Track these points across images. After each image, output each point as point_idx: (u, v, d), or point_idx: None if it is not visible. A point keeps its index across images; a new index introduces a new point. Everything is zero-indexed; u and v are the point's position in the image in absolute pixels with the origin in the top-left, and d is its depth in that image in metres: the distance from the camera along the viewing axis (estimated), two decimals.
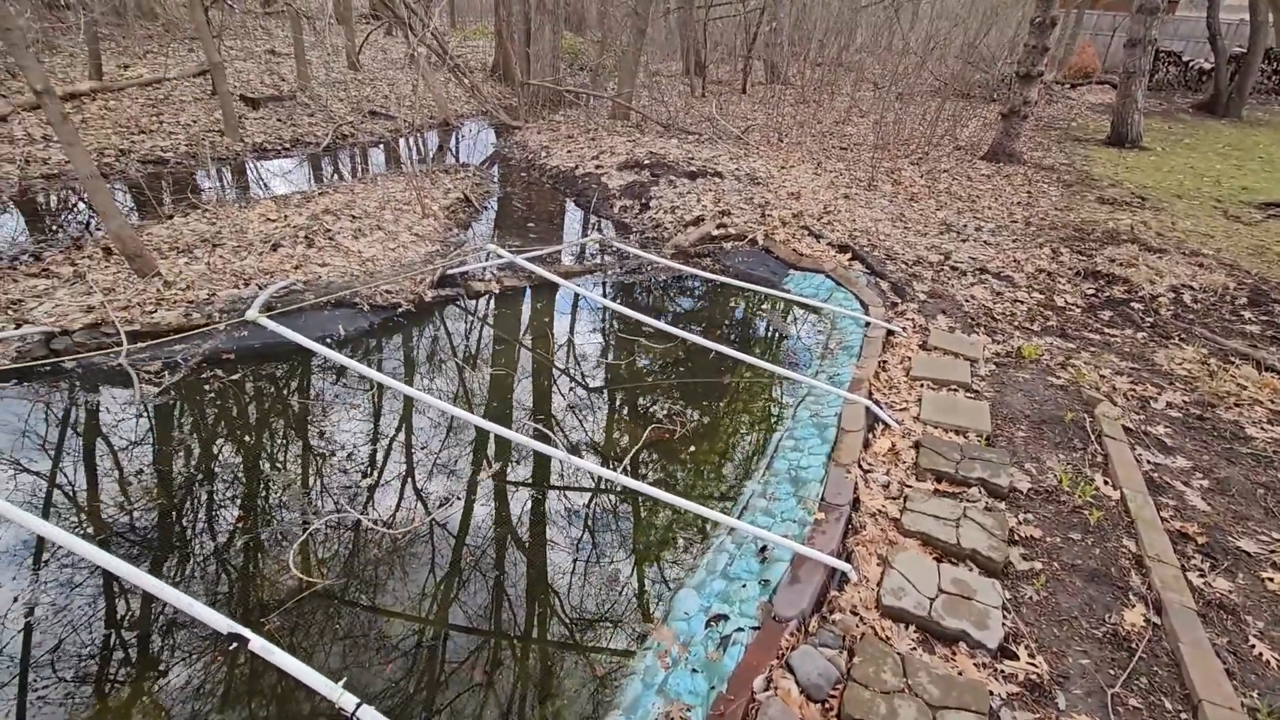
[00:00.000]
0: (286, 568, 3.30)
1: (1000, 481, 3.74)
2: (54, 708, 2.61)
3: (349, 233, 6.81)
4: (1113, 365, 5.32)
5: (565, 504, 4.02)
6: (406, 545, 3.55)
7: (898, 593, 2.99)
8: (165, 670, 2.80)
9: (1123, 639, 2.85)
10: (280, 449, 4.28)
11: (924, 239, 8.15)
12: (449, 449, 4.40)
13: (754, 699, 2.52)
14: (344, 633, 3.02)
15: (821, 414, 4.67)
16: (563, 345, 5.89)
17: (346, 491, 3.89)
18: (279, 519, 3.65)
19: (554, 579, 3.45)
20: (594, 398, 5.16)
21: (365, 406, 4.73)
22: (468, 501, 3.92)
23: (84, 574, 3.20)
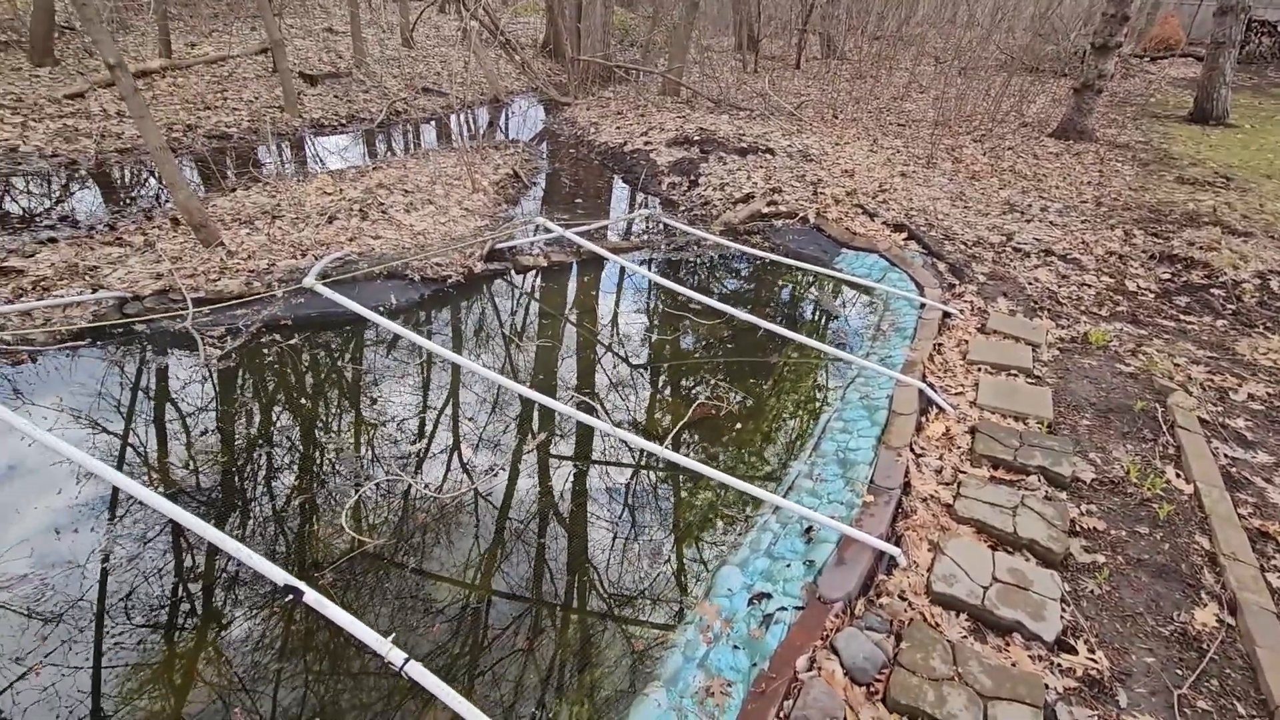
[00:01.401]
0: (339, 528, 3.41)
1: (1062, 470, 3.58)
2: (125, 650, 2.76)
3: (401, 207, 6.92)
4: (1189, 354, 5.01)
5: (609, 477, 4.03)
6: (454, 511, 3.62)
7: (949, 579, 2.89)
8: (223, 619, 2.94)
9: (1192, 639, 2.70)
10: (334, 413, 4.41)
11: (985, 219, 7.80)
12: (496, 419, 4.46)
13: (796, 678, 2.49)
14: (392, 593, 3.11)
15: (872, 396, 4.54)
16: (609, 321, 5.88)
17: (396, 456, 3.99)
18: (332, 480, 3.76)
19: (596, 550, 3.47)
20: (639, 373, 5.14)
21: (415, 375, 4.82)
22: (513, 471, 3.96)
23: (152, 525, 3.37)
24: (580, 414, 3.31)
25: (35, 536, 3.23)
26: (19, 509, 3.38)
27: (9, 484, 3.54)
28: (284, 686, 2.66)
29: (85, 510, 3.42)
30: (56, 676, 2.62)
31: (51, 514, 3.37)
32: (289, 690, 2.65)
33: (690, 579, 3.30)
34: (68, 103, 9.42)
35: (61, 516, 3.36)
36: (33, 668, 2.62)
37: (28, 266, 5.12)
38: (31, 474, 3.62)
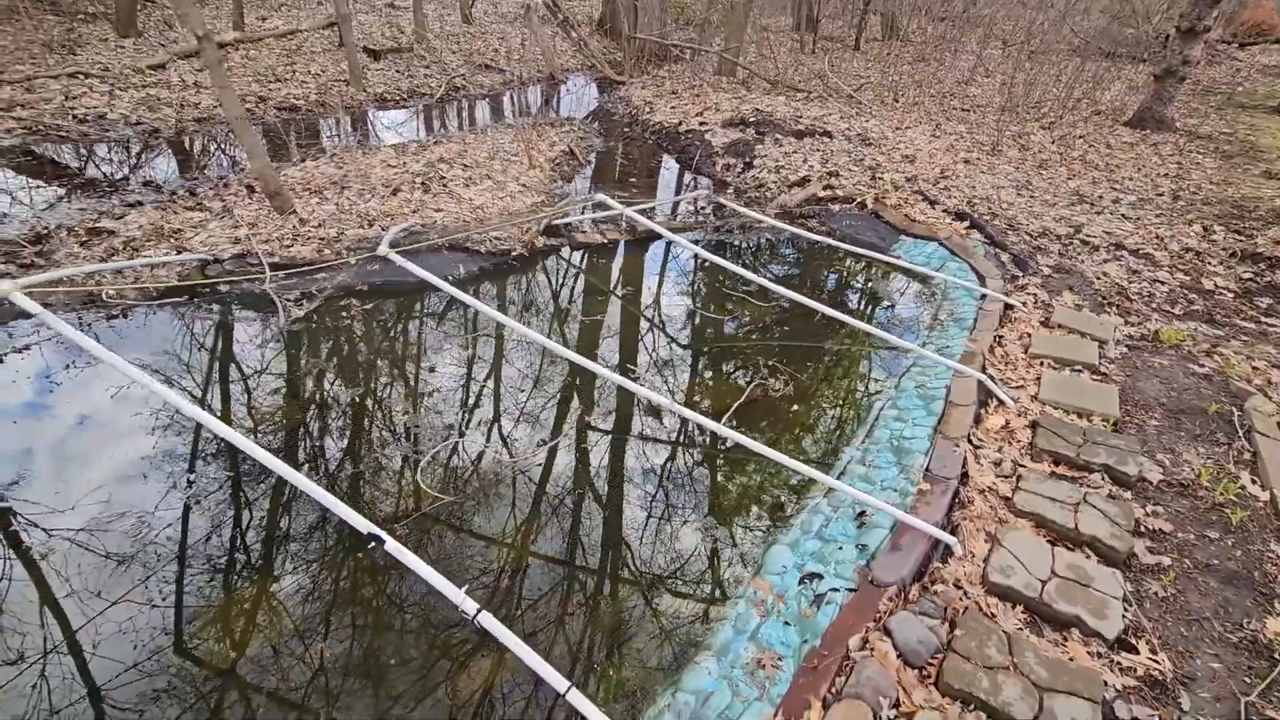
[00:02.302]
0: (413, 483, 3.57)
1: (1128, 469, 3.49)
2: (211, 589, 2.97)
3: (460, 181, 7.06)
4: (1269, 357, 4.78)
5: (666, 453, 4.10)
6: (522, 475, 3.74)
7: (1006, 571, 2.87)
8: (308, 563, 3.12)
9: (1263, 647, 2.63)
10: (405, 376, 4.58)
11: (1052, 210, 7.53)
12: (557, 390, 4.56)
13: (849, 656, 2.52)
14: (461, 548, 3.25)
15: (928, 386, 4.48)
16: (663, 299, 5.91)
17: (465, 419, 4.13)
18: (404, 439, 3.93)
19: (651, 522, 3.55)
20: (693, 352, 5.18)
21: (479, 343, 4.97)
22: (576, 442, 4.06)
23: (239, 471, 3.59)
24: (644, 390, 3.37)
25: (127, 478, 3.48)
26: (115, 450, 3.63)
27: (108, 427, 3.80)
28: (361, 630, 2.82)
29: (171, 455, 3.66)
30: (141, 610, 2.83)
31: (141, 456, 3.62)
32: (366, 635, 2.81)
33: (741, 556, 3.35)
34: (150, 73, 9.84)
35: (152, 459, 3.60)
36: (119, 599, 2.84)
37: (118, 228, 5.43)
38: (126, 419, 3.88)
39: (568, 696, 2.02)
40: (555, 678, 2.05)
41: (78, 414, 3.89)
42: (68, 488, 3.38)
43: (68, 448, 3.65)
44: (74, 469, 3.51)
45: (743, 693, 2.54)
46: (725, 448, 4.17)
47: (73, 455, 3.60)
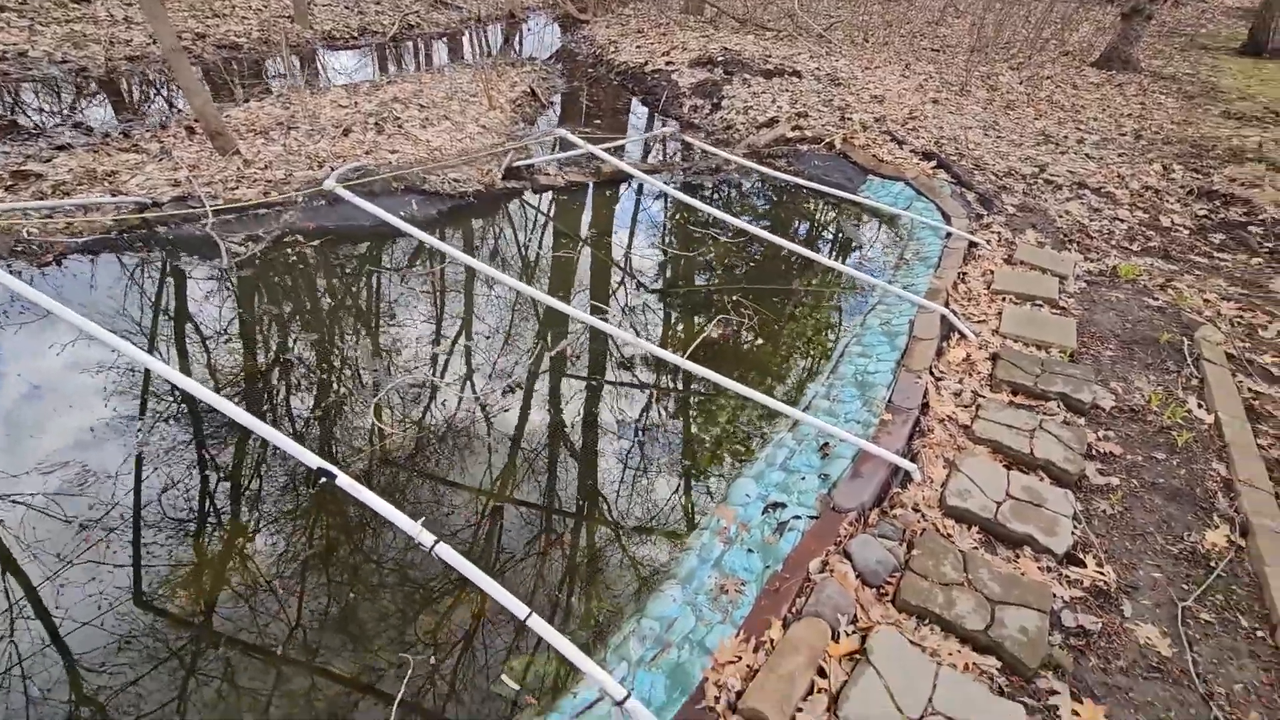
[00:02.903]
0: (366, 421, 3.48)
1: (1082, 397, 3.57)
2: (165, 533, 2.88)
3: (417, 122, 6.75)
4: (1220, 290, 4.90)
5: (629, 389, 4.07)
6: (484, 413, 3.68)
7: (963, 494, 2.94)
8: (260, 502, 3.05)
9: (1201, 557, 2.75)
10: (356, 316, 4.44)
11: (1018, 150, 7.52)
12: (517, 328, 4.48)
13: (809, 579, 2.57)
14: (418, 485, 3.21)
15: (893, 322, 4.50)
16: (629, 240, 5.80)
17: (419, 358, 4.03)
18: (357, 379, 3.83)
19: (615, 458, 3.54)
20: (658, 291, 5.11)
21: (434, 283, 4.83)
22: (536, 379, 4.01)
23: (187, 415, 3.46)
24: (602, 323, 3.31)
25: (73, 425, 3.33)
26: (58, 398, 3.47)
27: (48, 374, 3.62)
28: (320, 569, 2.78)
29: (120, 400, 3.51)
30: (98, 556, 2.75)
31: (89, 404, 3.46)
32: (326, 573, 2.77)
33: (707, 489, 3.37)
34: (74, 6, 9.12)
35: (99, 406, 3.45)
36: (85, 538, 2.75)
37: (46, 171, 5.08)
38: (69, 367, 3.70)
39: (528, 623, 2.02)
40: (515, 605, 2.04)
41: (14, 363, 3.70)
42: (12, 443, 3.23)
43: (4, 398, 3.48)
44: (18, 421, 3.35)
45: (706, 616, 2.58)
46: (692, 385, 4.16)
47: (12, 408, 3.43)
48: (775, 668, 2.20)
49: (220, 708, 2.29)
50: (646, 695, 2.32)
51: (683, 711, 2.15)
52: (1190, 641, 2.41)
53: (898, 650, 2.29)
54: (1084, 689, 2.25)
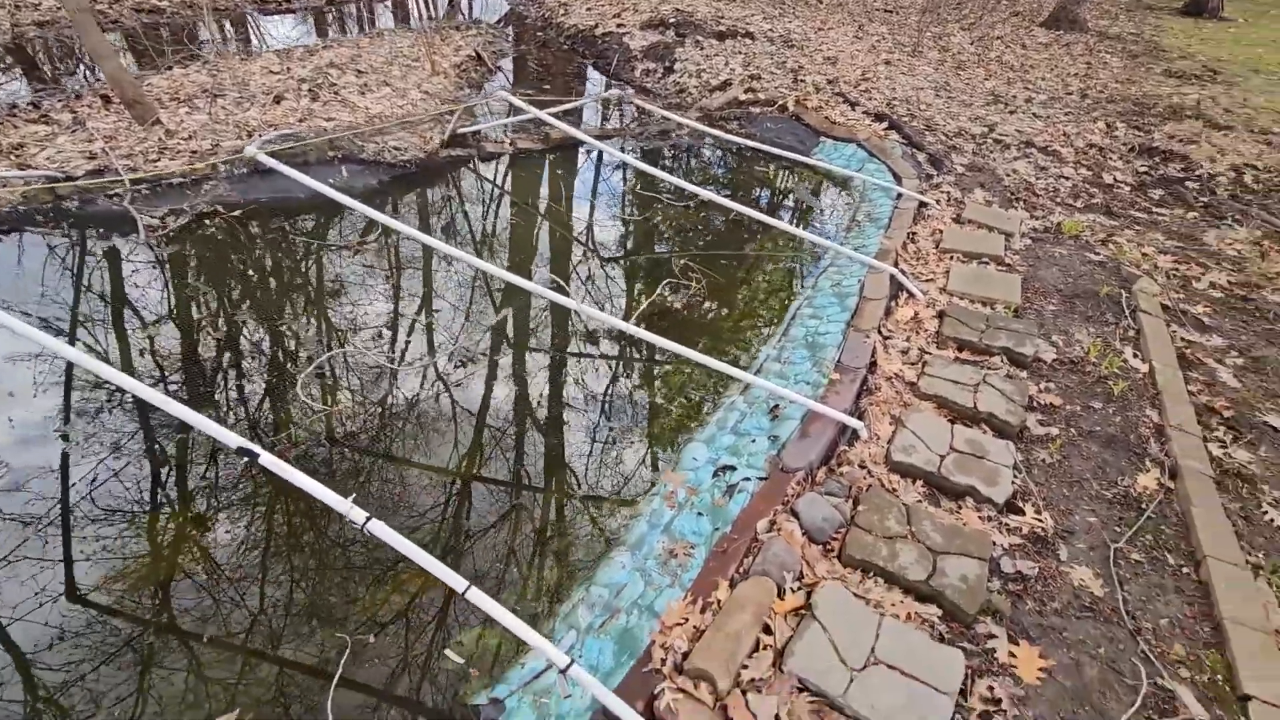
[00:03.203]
0: (297, 399, 3.35)
1: (1024, 350, 3.63)
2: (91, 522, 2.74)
3: (355, 88, 6.44)
4: (1157, 244, 5.03)
5: (579, 358, 4.00)
6: (421, 387, 3.57)
7: (908, 450, 2.97)
8: (189, 487, 2.92)
9: (1133, 500, 2.84)
10: (286, 291, 4.25)
11: (968, 110, 7.56)
12: (460, 298, 4.35)
13: (757, 538, 2.57)
14: (358, 463, 3.11)
15: (843, 284, 4.51)
16: (579, 207, 5.67)
17: (354, 333, 3.89)
18: (285, 356, 3.67)
19: (565, 428, 3.49)
20: (610, 258, 5.02)
21: (373, 255, 4.64)
22: (480, 350, 3.91)
23: (102, 401, 3.28)
24: (549, 291, 3.22)
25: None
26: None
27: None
28: (255, 553, 2.68)
29: (33, 387, 3.31)
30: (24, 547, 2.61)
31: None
32: (262, 556, 2.67)
33: (658, 456, 3.35)
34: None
35: (11, 394, 3.25)
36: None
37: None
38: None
39: (468, 596, 1.97)
40: (454, 578, 1.99)
41: None
42: None
43: None
44: None
45: (655, 581, 2.56)
46: (644, 352, 4.11)
47: None
48: (721, 627, 2.20)
49: (155, 695, 2.20)
50: (595, 661, 2.31)
51: (630, 675, 2.14)
52: (1121, 581, 2.49)
53: (842, 604, 2.31)
54: (1020, 631, 2.31)
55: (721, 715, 2.01)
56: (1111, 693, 2.13)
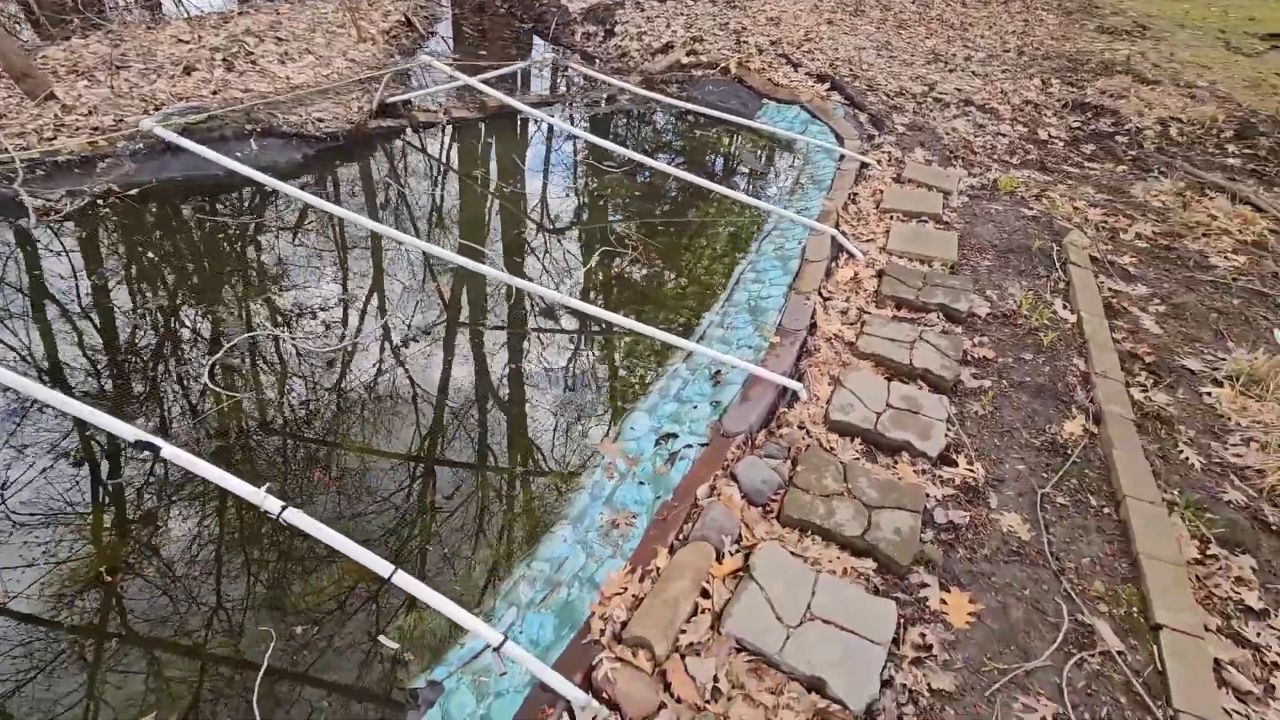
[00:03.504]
0: (204, 384, 3.19)
1: (959, 306, 3.68)
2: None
3: (274, 57, 6.08)
4: (1088, 197, 5.15)
5: (517, 333, 3.91)
6: (346, 368, 3.45)
7: (846, 409, 2.99)
8: (84, 485, 2.77)
9: (1060, 447, 2.92)
10: (192, 274, 4.03)
11: (909, 69, 7.58)
12: (385, 274, 4.19)
13: (697, 504, 2.56)
14: (271, 447, 2.99)
15: (785, 247, 4.50)
16: (517, 177, 5.51)
17: (269, 314, 3.72)
18: (195, 339, 3.49)
19: (504, 404, 3.41)
20: (548, 229, 4.90)
21: (291, 237, 4.43)
22: (409, 329, 3.78)
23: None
24: (477, 264, 3.11)
25: None
26: None
27: None
28: (172, 552, 2.56)
29: None
30: None
31: None
32: (183, 553, 2.56)
33: (600, 426, 3.31)
34: None
35: None
36: None
37: None
38: None
39: (394, 580, 1.91)
40: (378, 564, 1.93)
41: None
42: None
43: None
44: None
45: (596, 553, 2.54)
46: (584, 324, 4.04)
47: None
48: (660, 594, 2.20)
49: (75, 700, 2.10)
50: (535, 636, 2.28)
51: (569, 648, 2.13)
52: (1047, 524, 2.58)
53: (780, 563, 2.33)
54: (951, 578, 2.37)
55: (660, 681, 2.01)
56: (1035, 631, 2.21)
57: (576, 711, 1.89)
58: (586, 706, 1.90)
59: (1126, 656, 2.14)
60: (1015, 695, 2.04)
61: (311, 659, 2.26)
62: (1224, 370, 3.40)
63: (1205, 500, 2.69)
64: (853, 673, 2.02)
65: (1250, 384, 3.30)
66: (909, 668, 2.09)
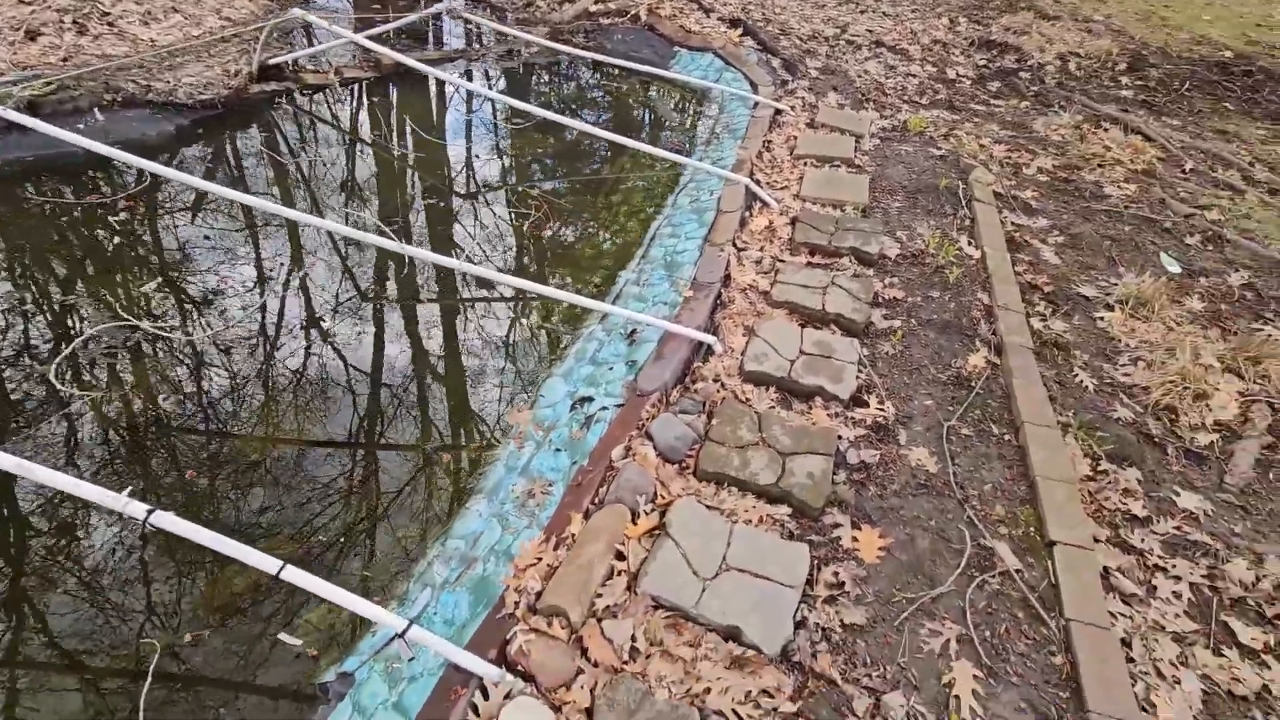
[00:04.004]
0: (49, 383, 2.93)
1: (870, 249, 3.71)
2: None
3: (135, 17, 5.50)
4: (993, 134, 5.25)
5: (420, 304, 3.74)
6: (234, 353, 3.22)
7: (760, 358, 2.98)
8: None
9: (964, 380, 3.00)
10: (47, 263, 3.67)
11: (821, 11, 7.50)
12: (273, 251, 3.92)
13: (612, 467, 2.52)
14: (139, 446, 2.78)
15: (701, 199, 4.43)
16: (417, 140, 5.20)
17: (133, 301, 3.43)
18: (42, 333, 3.19)
19: (411, 381, 3.27)
20: (453, 193, 4.68)
21: (156, 215, 4.08)
22: (309, 304, 3.56)
23: None
24: (366, 235, 2.92)
25: None
26: None
27: None
28: (40, 570, 2.36)
29: None
30: None
31: None
32: (46, 572, 2.36)
33: (515, 396, 3.21)
34: None
35: None
36: None
37: None
38: None
39: (283, 575, 1.80)
40: (264, 561, 1.81)
41: None
42: None
43: None
44: None
45: (513, 525, 2.48)
46: (492, 292, 3.89)
47: None
48: (574, 560, 2.16)
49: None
50: (450, 616, 2.22)
51: (484, 624, 2.07)
52: (952, 456, 2.65)
53: (695, 518, 2.32)
54: (863, 516, 2.42)
55: (577, 648, 1.99)
56: (941, 559, 2.28)
57: (489, 687, 1.84)
58: (500, 682, 1.85)
59: (1024, 574, 2.24)
60: (922, 622, 2.11)
61: (210, 664, 2.13)
62: (1115, 295, 3.56)
63: (1097, 420, 2.82)
64: (767, 618, 2.04)
65: (1138, 306, 3.47)
66: (822, 606, 2.13)
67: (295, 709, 2.07)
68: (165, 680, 2.08)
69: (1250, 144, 5.33)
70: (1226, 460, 2.71)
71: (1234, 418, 2.84)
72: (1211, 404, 2.87)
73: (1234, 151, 5.17)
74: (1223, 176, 4.79)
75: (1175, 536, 2.40)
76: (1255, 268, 3.88)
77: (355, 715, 1.99)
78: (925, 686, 1.95)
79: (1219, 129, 5.59)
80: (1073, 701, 1.93)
